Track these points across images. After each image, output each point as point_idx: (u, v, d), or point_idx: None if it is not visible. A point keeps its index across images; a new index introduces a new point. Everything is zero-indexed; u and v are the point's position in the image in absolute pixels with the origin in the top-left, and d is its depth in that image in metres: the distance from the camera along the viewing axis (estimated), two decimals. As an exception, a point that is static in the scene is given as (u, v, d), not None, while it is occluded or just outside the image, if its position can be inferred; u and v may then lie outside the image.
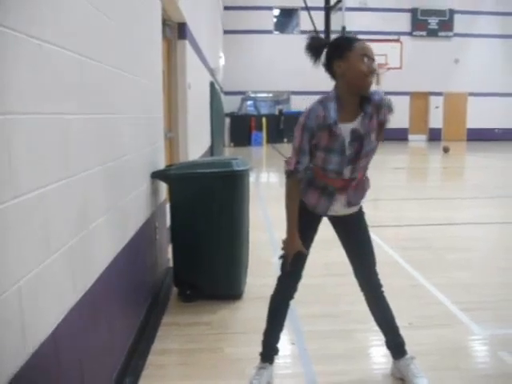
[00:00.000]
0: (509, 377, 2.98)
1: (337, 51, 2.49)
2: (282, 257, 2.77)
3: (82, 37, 2.28)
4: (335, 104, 2.50)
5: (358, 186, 2.73)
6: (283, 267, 2.79)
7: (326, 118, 2.47)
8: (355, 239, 2.88)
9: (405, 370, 2.88)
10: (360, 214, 2.86)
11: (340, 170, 2.59)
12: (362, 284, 2.89)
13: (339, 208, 2.74)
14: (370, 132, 2.56)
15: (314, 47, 2.54)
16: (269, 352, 2.93)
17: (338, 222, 2.85)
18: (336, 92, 2.54)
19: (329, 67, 2.56)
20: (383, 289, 2.90)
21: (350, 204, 2.73)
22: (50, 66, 1.91)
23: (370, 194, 3.04)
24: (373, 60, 2.45)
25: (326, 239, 3.15)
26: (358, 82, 2.45)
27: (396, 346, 2.95)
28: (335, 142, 2.52)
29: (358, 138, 2.54)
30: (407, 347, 3.03)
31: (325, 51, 2.56)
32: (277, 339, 2.93)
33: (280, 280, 2.87)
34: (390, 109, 2.64)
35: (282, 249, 2.74)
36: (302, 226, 2.69)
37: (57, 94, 1.97)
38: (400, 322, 3.57)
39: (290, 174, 2.60)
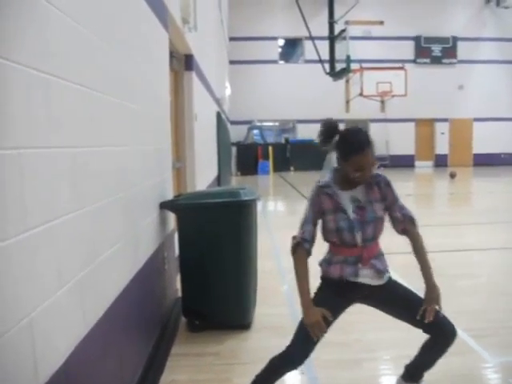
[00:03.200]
0: (521, 405, 2.94)
1: (339, 151, 2.67)
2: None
3: (90, 70, 2.33)
4: (333, 173, 2.74)
5: (377, 254, 2.81)
6: (300, 333, 2.71)
7: (324, 184, 2.71)
8: (401, 297, 2.91)
9: None
10: (393, 282, 2.92)
11: (352, 230, 2.67)
12: (433, 332, 2.83)
13: (370, 277, 2.76)
14: (373, 201, 2.73)
15: (327, 132, 2.70)
16: None
17: (376, 294, 2.83)
18: (334, 176, 2.75)
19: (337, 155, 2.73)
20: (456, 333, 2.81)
21: (379, 271, 2.77)
22: (59, 100, 1.95)
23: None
24: (366, 169, 2.60)
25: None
26: (349, 178, 2.66)
27: (415, 375, 2.98)
28: (336, 202, 2.69)
29: (359, 205, 2.70)
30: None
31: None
32: None
33: (294, 344, 2.72)
34: (399, 202, 2.92)
35: (304, 323, 2.65)
36: (329, 296, 2.73)
37: (65, 127, 2.01)
38: (409, 350, 3.55)
39: (297, 245, 2.67)
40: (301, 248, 2.68)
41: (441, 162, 26.93)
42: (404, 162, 26.10)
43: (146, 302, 3.47)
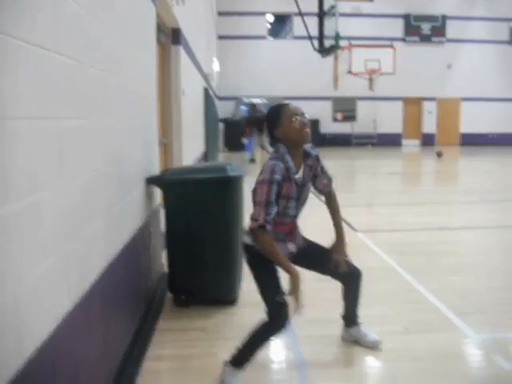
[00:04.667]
0: (503, 380, 2.99)
1: (272, 122, 2.87)
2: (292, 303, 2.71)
3: (75, 42, 2.28)
4: (289, 156, 2.83)
5: (298, 228, 3.09)
6: (276, 305, 2.79)
7: (289, 170, 2.80)
8: (316, 251, 3.16)
9: (357, 332, 3.36)
10: (306, 241, 3.18)
11: (296, 215, 2.95)
12: (347, 277, 3.14)
13: (293, 250, 3.03)
14: (306, 182, 2.96)
15: (255, 124, 2.89)
16: (245, 363, 2.92)
17: (298, 255, 3.05)
18: (286, 148, 2.85)
19: (272, 136, 2.92)
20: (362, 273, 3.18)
21: (297, 246, 3.05)
22: (45, 71, 1.91)
23: (364, 199, 3.13)
24: (302, 115, 2.82)
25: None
26: (296, 137, 2.82)
27: (352, 319, 3.37)
28: (293, 190, 2.84)
29: (301, 186, 2.90)
30: (402, 352, 3.13)
31: (265, 125, 2.95)
32: (255, 356, 2.93)
33: (275, 320, 2.82)
34: (323, 169, 3.11)
35: (290, 293, 2.68)
36: (265, 270, 2.86)
37: (51, 99, 1.97)
38: (395, 326, 3.59)
39: (262, 228, 2.69)
40: (263, 231, 2.69)
41: (428, 140, 27.01)
42: (391, 141, 26.15)
43: (131, 277, 3.45)
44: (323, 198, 3.23)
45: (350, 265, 3.13)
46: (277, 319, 2.79)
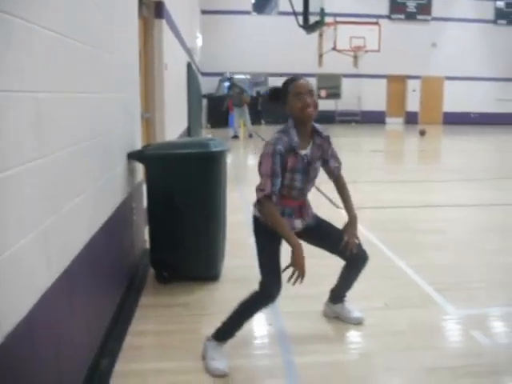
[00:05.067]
0: (481, 355, 3.03)
1: (282, 98, 2.87)
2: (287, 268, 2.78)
3: (54, 13, 2.22)
4: (293, 133, 2.83)
5: (308, 205, 3.10)
6: (267, 276, 2.89)
7: (291, 143, 2.80)
8: (327, 230, 3.16)
9: (340, 310, 3.41)
10: (317, 218, 3.18)
11: (303, 189, 2.93)
12: (351, 261, 3.16)
13: (300, 226, 3.03)
14: (316, 160, 2.95)
15: (275, 97, 2.93)
16: (230, 337, 2.98)
17: (307, 232, 3.08)
18: (292, 123, 2.86)
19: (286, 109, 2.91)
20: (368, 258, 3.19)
21: (307, 223, 3.06)
22: (21, 42, 1.85)
23: (347, 176, 3.15)
24: (308, 93, 2.78)
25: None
26: (299, 116, 2.81)
27: (341, 296, 3.41)
28: (299, 163, 2.85)
29: (307, 163, 2.89)
30: (382, 327, 3.19)
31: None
32: (240, 329, 2.98)
33: (264, 289, 2.88)
34: (336, 154, 3.15)
35: (292, 264, 2.73)
36: (269, 242, 2.89)
37: (28, 71, 1.92)
38: (376, 302, 3.62)
39: (268, 199, 2.75)
40: (269, 201, 2.76)
41: (411, 119, 27.09)
42: (375, 118, 26.18)
43: (113, 253, 3.43)
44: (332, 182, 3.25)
45: (360, 248, 3.13)
46: (268, 290, 2.86)
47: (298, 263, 2.70)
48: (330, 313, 3.47)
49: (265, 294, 2.88)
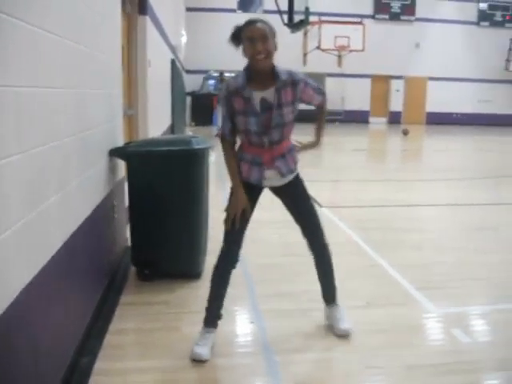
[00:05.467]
0: (461, 353, 3.06)
1: (237, 38, 2.84)
2: (226, 219, 2.95)
3: (36, 8, 2.19)
4: (245, 73, 2.84)
5: (284, 156, 2.98)
6: (226, 237, 3.00)
7: (237, 85, 2.82)
8: (297, 205, 3.11)
9: (332, 316, 3.27)
10: (297, 182, 3.09)
11: (261, 133, 2.85)
12: (309, 243, 3.14)
13: (274, 179, 2.99)
14: (282, 106, 2.83)
15: (235, 37, 2.87)
16: (213, 317, 3.06)
17: (280, 192, 3.09)
18: (247, 65, 2.86)
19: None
20: (329, 248, 3.17)
21: (282, 174, 2.98)
22: (2, 38, 1.82)
23: (329, 175, 3.14)
24: (260, 38, 2.71)
25: (284, 220, 3.16)
26: (250, 61, 2.80)
27: (329, 295, 3.30)
28: (248, 105, 2.81)
29: (267, 107, 2.82)
30: (364, 325, 3.20)
31: None
32: (221, 306, 3.07)
33: (222, 250, 3.02)
34: (316, 90, 3.01)
35: (226, 209, 2.93)
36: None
37: (9, 66, 1.89)
38: (357, 301, 3.63)
39: (222, 139, 2.97)
40: (225, 140, 2.96)
41: (394, 118, 27.25)
42: (359, 118, 26.29)
43: (93, 250, 3.40)
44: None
45: (319, 235, 3.13)
46: (224, 247, 3.02)
47: (233, 206, 2.89)
48: (325, 316, 3.34)
49: (223, 256, 3.01)
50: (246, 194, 2.93)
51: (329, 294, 3.30)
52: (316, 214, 3.14)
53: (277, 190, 3.09)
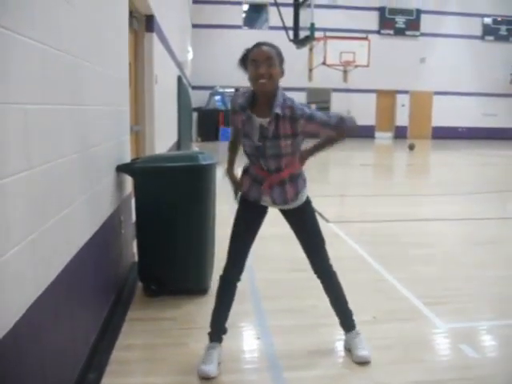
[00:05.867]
0: (469, 368, 3.04)
1: (245, 61, 2.78)
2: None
3: (43, 25, 2.22)
4: (250, 95, 2.80)
5: (283, 186, 2.89)
6: (230, 250, 3.02)
7: (241, 104, 2.81)
8: (302, 230, 3.06)
9: (351, 342, 3.15)
10: (304, 208, 3.02)
11: (255, 157, 2.84)
12: (313, 267, 3.10)
13: (268, 202, 2.97)
14: (280, 137, 2.73)
15: (243, 60, 2.82)
16: (218, 331, 3.05)
17: (286, 214, 3.06)
18: (250, 89, 2.83)
19: None
20: (334, 270, 3.12)
21: (274, 202, 2.94)
22: (9, 54, 1.85)
23: (335, 190, 3.13)
24: (265, 62, 2.66)
25: (291, 235, 3.15)
26: (252, 84, 2.74)
27: (346, 322, 3.19)
28: (247, 127, 2.79)
29: (265, 136, 2.76)
30: (371, 341, 3.16)
31: None
32: (225, 319, 3.06)
33: (228, 262, 3.02)
34: (323, 124, 2.79)
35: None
36: (243, 212, 3.02)
37: (17, 83, 1.91)
38: (364, 316, 3.62)
39: (229, 143, 3.19)
40: (230, 145, 3.17)
41: (400, 133, 27.27)
42: (364, 133, 26.25)
43: (101, 266, 3.41)
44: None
45: (325, 261, 3.08)
46: (229, 259, 3.02)
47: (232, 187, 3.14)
48: (345, 343, 3.23)
49: (227, 264, 3.02)
50: (251, 210, 3.00)
51: (346, 320, 3.19)
52: (322, 240, 3.05)
53: (283, 211, 3.06)
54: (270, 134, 2.73)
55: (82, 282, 2.86)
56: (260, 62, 2.66)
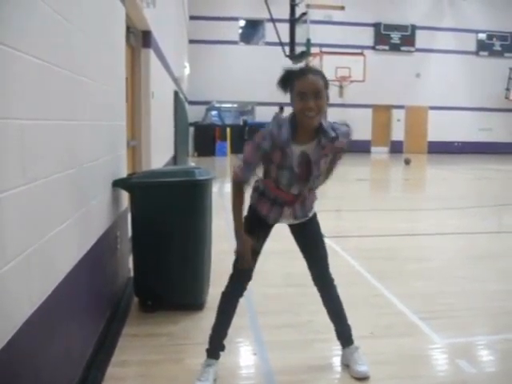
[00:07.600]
0: (466, 383, 3.03)
1: (287, 84, 2.66)
2: (236, 261, 2.93)
3: (40, 41, 2.23)
4: (290, 124, 2.65)
5: (304, 202, 2.93)
6: (235, 266, 2.96)
7: (280, 139, 2.62)
8: (313, 240, 3.10)
9: (349, 357, 3.12)
10: (313, 220, 3.08)
11: (290, 185, 2.78)
12: (315, 278, 3.10)
13: (288, 219, 2.97)
14: (322, 158, 2.76)
15: (283, 85, 2.68)
16: (217, 348, 3.03)
17: (298, 227, 3.06)
18: (293, 117, 2.68)
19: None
20: (335, 283, 3.11)
21: (296, 217, 2.96)
22: (6, 70, 1.86)
23: (332, 205, 3.14)
24: (312, 94, 2.55)
25: (287, 250, 3.16)
26: (298, 116, 2.63)
27: (344, 336, 3.17)
28: (286, 160, 2.69)
29: (306, 161, 2.73)
30: (368, 356, 3.13)
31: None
32: (225, 336, 3.04)
33: (232, 278, 3.01)
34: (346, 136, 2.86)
35: (236, 252, 2.87)
36: (254, 226, 2.90)
37: (12, 98, 1.92)
38: (361, 331, 3.60)
39: (237, 182, 2.76)
40: (238, 185, 2.75)
41: (396, 148, 27.37)
42: (360, 147, 26.34)
43: (96, 282, 3.39)
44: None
45: (325, 271, 3.10)
46: (233, 275, 2.99)
47: (239, 252, 2.83)
48: (344, 360, 3.19)
49: (230, 281, 3.00)
50: (260, 227, 2.93)
51: (344, 335, 3.17)
52: (326, 252, 3.12)
53: (293, 225, 3.06)
54: (313, 158, 2.73)
55: (77, 298, 2.84)
56: (308, 95, 2.55)
